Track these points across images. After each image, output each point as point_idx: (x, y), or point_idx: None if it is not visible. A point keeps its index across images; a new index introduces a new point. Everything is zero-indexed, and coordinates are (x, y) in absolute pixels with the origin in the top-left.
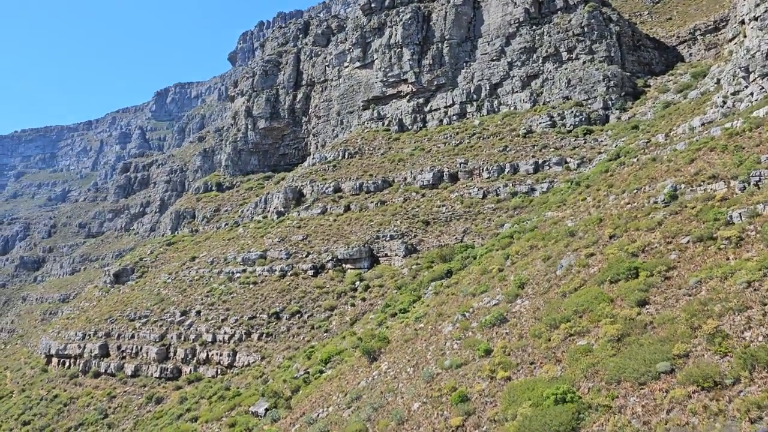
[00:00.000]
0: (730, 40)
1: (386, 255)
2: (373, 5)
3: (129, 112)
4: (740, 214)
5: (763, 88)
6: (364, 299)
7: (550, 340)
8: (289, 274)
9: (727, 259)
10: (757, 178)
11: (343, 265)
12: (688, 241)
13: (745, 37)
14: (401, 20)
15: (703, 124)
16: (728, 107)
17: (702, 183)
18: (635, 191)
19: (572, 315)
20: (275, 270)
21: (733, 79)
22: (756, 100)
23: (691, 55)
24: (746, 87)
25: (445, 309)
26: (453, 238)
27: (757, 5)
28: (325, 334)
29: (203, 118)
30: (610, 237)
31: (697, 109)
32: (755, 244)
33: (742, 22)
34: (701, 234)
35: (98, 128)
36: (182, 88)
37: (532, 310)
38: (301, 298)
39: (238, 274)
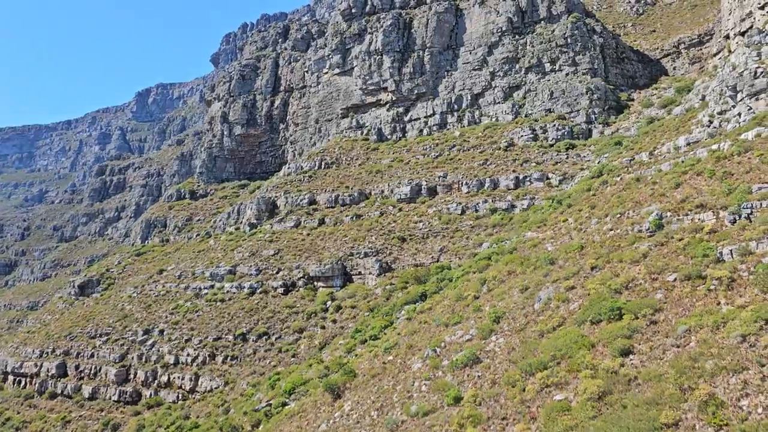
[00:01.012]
0: (715, 55)
1: (360, 273)
2: (353, 11)
3: (109, 113)
4: (731, 251)
5: (751, 108)
6: (334, 321)
7: (525, 390)
8: (258, 291)
9: (718, 303)
10: (749, 211)
11: (315, 283)
12: (675, 279)
13: (730, 52)
14: (382, 27)
15: (688, 144)
16: (714, 127)
17: (689, 212)
18: (618, 216)
19: (550, 361)
20: (244, 287)
21: (720, 98)
22: (744, 121)
23: (675, 68)
24: (733, 106)
25: (416, 340)
26: (429, 256)
27: (742, 20)
28: (293, 359)
29: (184, 120)
30: (592, 268)
31: (682, 126)
32: (748, 287)
33: (727, 37)
34: (689, 272)
35: (77, 128)
36: (164, 89)
37: (506, 350)
38: (269, 318)
39: (206, 291)
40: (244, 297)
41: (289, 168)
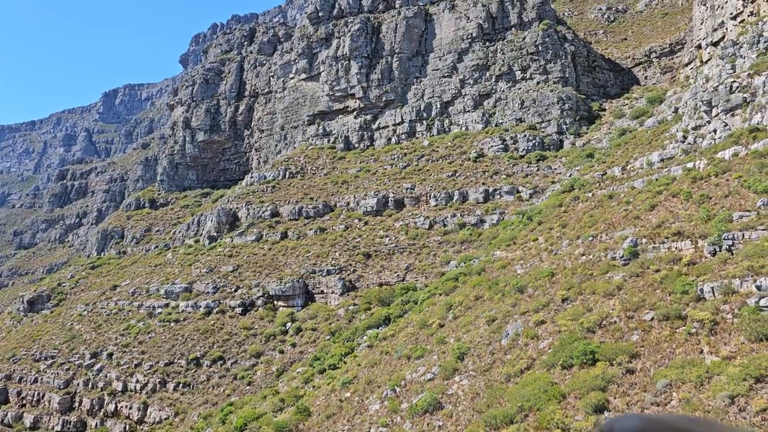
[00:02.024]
0: (687, 65)
1: (322, 292)
2: (320, 14)
3: (75, 113)
4: (713, 288)
5: (726, 124)
6: (294, 345)
7: None
8: (215, 311)
9: (701, 352)
10: (730, 242)
11: (275, 302)
12: (653, 319)
13: (702, 62)
14: (349, 31)
15: (662, 160)
16: (689, 143)
17: (666, 239)
18: (591, 239)
19: (516, 414)
20: (200, 306)
21: (695, 113)
22: (720, 138)
23: (646, 78)
24: (708, 122)
25: (376, 374)
26: (395, 275)
27: (714, 30)
28: (248, 387)
29: (152, 122)
30: (563, 300)
31: (654, 140)
32: (734, 333)
33: (699, 47)
34: (668, 311)
35: (42, 129)
36: (132, 90)
37: (471, 395)
38: (225, 341)
39: (160, 310)
40: (200, 317)
41: (252, 177)
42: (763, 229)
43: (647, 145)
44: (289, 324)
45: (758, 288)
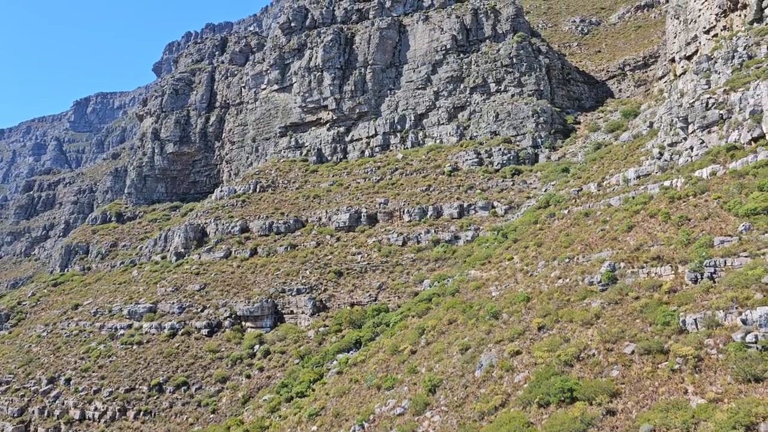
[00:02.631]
0: (660, 78)
1: (292, 312)
2: (293, 24)
3: (45, 122)
4: (696, 320)
5: (703, 141)
6: (261, 369)
7: None
8: (180, 332)
9: (686, 392)
10: (712, 269)
11: (243, 323)
12: (633, 352)
13: (676, 76)
14: (322, 42)
15: (638, 177)
16: (665, 160)
17: (645, 264)
18: (567, 261)
19: None
20: (164, 327)
21: (671, 129)
22: (696, 156)
23: (620, 90)
24: (685, 139)
25: (344, 405)
26: (367, 294)
27: (688, 44)
28: (212, 416)
29: (124, 131)
30: (539, 328)
31: (630, 155)
32: (719, 372)
33: (673, 60)
34: (649, 345)
35: (11, 137)
36: (104, 98)
37: None
38: (190, 364)
39: (122, 331)
40: (164, 339)
41: (221, 191)
42: (746, 256)
43: (623, 161)
44: (257, 346)
45: (743, 322)
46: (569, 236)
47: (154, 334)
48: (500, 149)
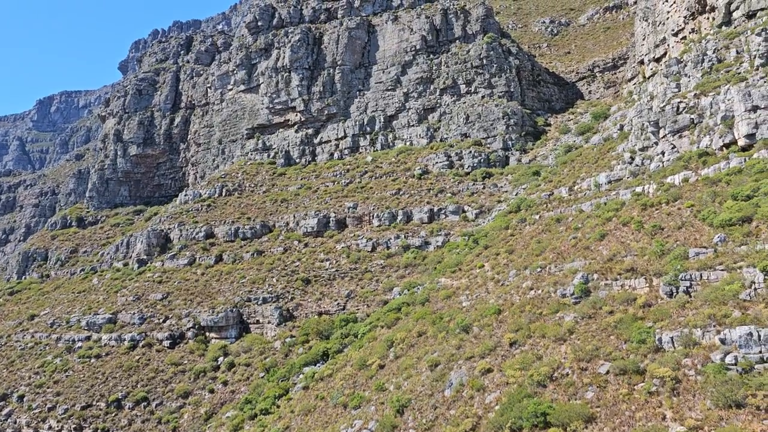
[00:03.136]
0: (630, 80)
1: (258, 322)
2: (260, 24)
3: (7, 121)
4: (672, 338)
5: (674, 146)
6: (225, 383)
7: None
8: (140, 344)
9: (664, 417)
10: (688, 283)
11: (207, 334)
12: (608, 372)
13: (645, 78)
14: (290, 42)
15: (610, 182)
16: (637, 165)
17: (618, 276)
18: (539, 270)
19: None
20: (124, 339)
21: (642, 133)
22: (668, 161)
23: (590, 92)
24: (656, 143)
25: (309, 425)
26: (335, 302)
27: (657, 46)
28: None
29: (89, 131)
30: (511, 344)
31: (601, 159)
32: (698, 396)
33: (642, 62)
34: (625, 365)
35: None
36: (69, 97)
37: None
38: (151, 378)
39: (80, 344)
40: (124, 352)
41: (186, 195)
42: (722, 270)
43: (594, 164)
44: (221, 358)
45: (722, 341)
46: (541, 243)
47: (113, 346)
48: (471, 152)
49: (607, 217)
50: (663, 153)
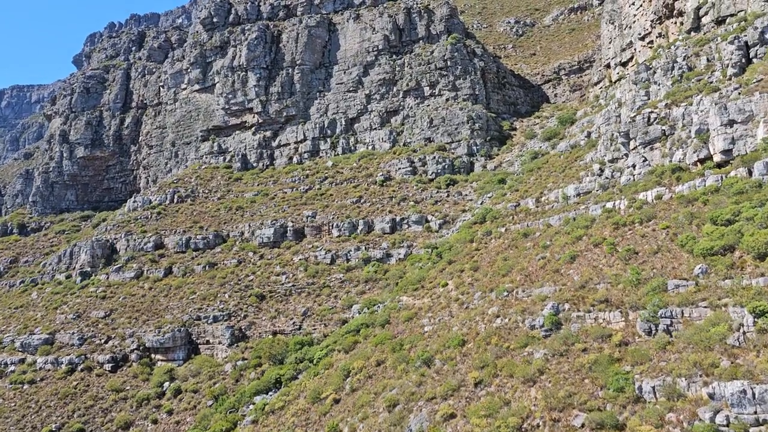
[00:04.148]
0: (596, 84)
1: (208, 342)
2: (215, 20)
3: None
4: (654, 388)
5: (646, 159)
6: (170, 412)
7: None
8: (79, 368)
9: None
10: (668, 321)
11: (153, 356)
12: (584, 426)
13: (611, 82)
14: (246, 39)
15: (578, 195)
16: (607, 178)
17: (592, 307)
18: (506, 294)
19: None
20: (62, 363)
21: (611, 144)
22: (639, 174)
23: (556, 95)
24: (626, 155)
25: None
26: (291, 321)
27: (623, 50)
28: None
29: (41, 128)
30: (476, 384)
31: (568, 167)
32: None
33: (608, 66)
34: (602, 417)
35: None
36: (20, 92)
37: None
38: (89, 407)
39: (13, 368)
40: (61, 376)
41: (135, 202)
42: (705, 306)
43: (561, 174)
44: (167, 384)
45: (711, 396)
46: (507, 261)
47: (49, 370)
48: (435, 157)
49: (577, 236)
50: (634, 166)
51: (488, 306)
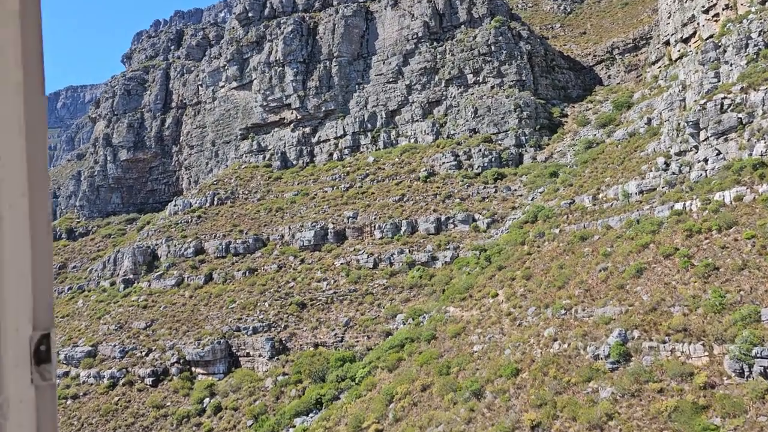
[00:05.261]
0: (654, 63)
1: (248, 354)
2: (250, 15)
3: None
4: None
5: (720, 152)
6: (210, 431)
7: None
8: (121, 382)
9: None
10: (766, 363)
11: (193, 369)
12: None
13: (671, 61)
14: (282, 33)
15: (641, 192)
16: (674, 173)
17: (667, 337)
18: (563, 312)
19: None
20: (104, 377)
21: (677, 134)
22: (712, 170)
23: (609, 77)
24: (696, 147)
25: None
26: (332, 333)
27: (684, 25)
28: None
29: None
30: (533, 428)
31: (627, 159)
32: None
33: (667, 43)
34: None
35: None
36: (74, 92)
37: None
38: (129, 425)
39: (58, 381)
40: (103, 391)
41: (175, 205)
42: None
43: (620, 167)
44: (207, 400)
45: None
46: (563, 270)
47: (92, 384)
48: (480, 150)
49: (642, 243)
50: (706, 160)
51: (544, 325)
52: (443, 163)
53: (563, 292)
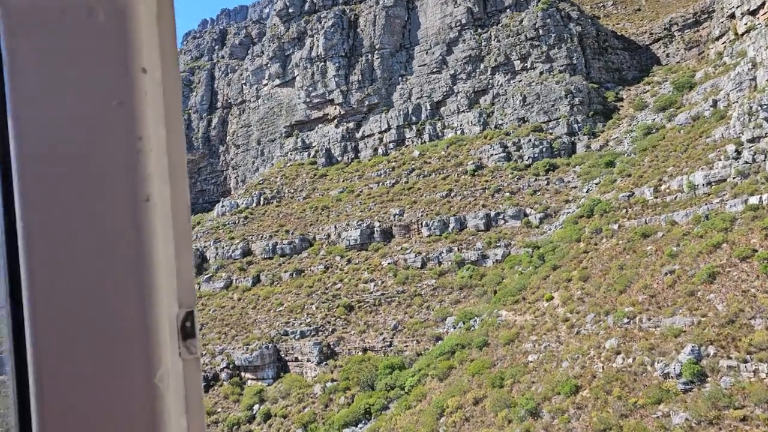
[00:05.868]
0: (717, 38)
1: (297, 359)
2: (290, 10)
3: None
4: None
5: None
6: None
7: None
8: None
9: None
10: None
11: (242, 374)
12: None
13: (737, 36)
14: (323, 28)
15: (709, 183)
16: (746, 162)
17: (749, 355)
18: (626, 321)
19: None
20: None
21: (750, 118)
22: None
23: (668, 55)
24: None
25: None
26: (380, 337)
27: None
28: None
29: None
30: None
31: (691, 146)
32: None
33: (732, 16)
34: None
35: None
36: None
37: None
38: None
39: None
40: None
41: (223, 206)
42: None
43: (684, 155)
44: (257, 406)
45: None
46: (624, 271)
47: None
48: (530, 140)
49: (713, 242)
50: None
51: (605, 335)
52: (491, 155)
53: (625, 298)
